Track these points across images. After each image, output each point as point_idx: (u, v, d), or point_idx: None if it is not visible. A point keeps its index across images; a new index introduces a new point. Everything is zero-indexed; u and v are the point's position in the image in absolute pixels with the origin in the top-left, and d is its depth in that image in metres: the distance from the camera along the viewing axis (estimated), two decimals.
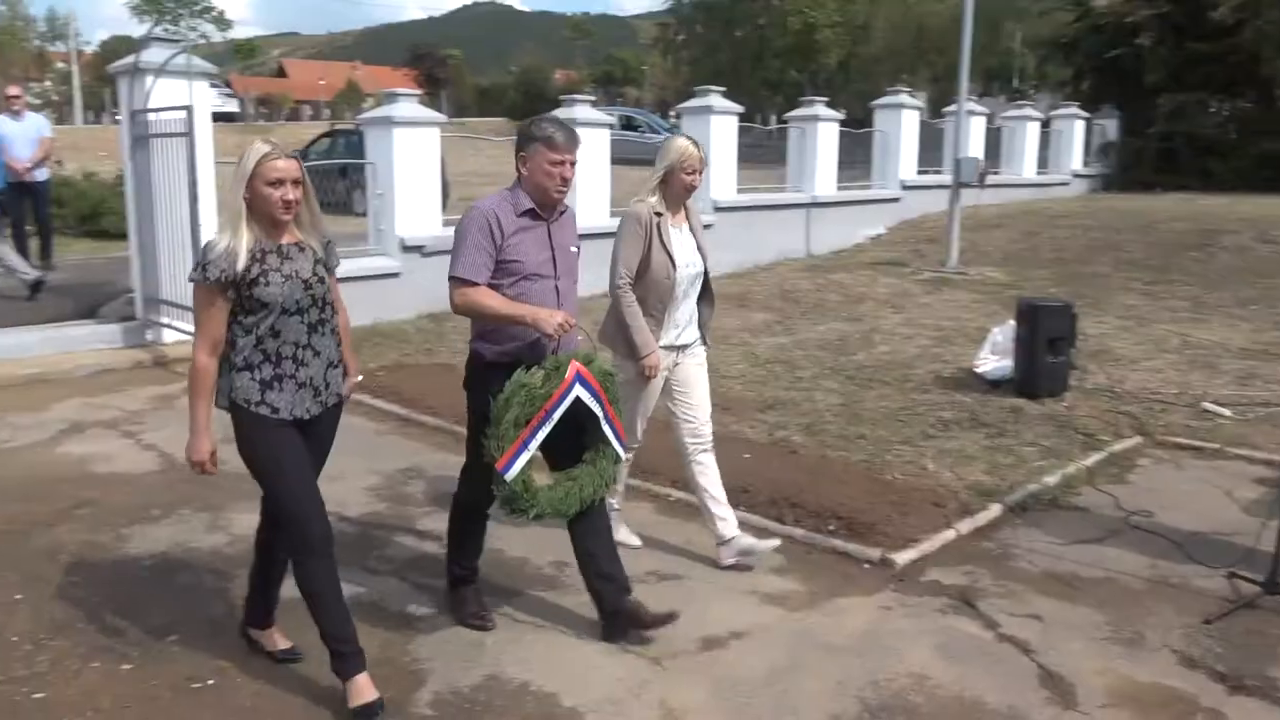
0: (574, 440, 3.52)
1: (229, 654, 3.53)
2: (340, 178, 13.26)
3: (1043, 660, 3.57)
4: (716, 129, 12.69)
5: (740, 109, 13.25)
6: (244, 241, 2.99)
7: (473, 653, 3.56)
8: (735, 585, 4.13)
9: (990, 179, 14.20)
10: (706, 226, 4.58)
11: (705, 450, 4.27)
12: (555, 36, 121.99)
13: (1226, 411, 6.58)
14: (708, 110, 12.72)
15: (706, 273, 4.23)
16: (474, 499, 3.70)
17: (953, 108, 14.85)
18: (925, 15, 37.65)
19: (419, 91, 10.75)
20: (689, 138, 4.16)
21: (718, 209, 12.36)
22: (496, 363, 3.47)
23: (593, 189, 10.95)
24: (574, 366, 3.37)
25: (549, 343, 3.38)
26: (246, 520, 4.70)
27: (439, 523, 4.76)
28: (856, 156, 16.22)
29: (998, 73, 47.18)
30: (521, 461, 3.29)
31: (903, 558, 4.36)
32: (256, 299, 3.01)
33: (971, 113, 16.46)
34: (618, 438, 3.57)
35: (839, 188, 14.99)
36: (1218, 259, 12.44)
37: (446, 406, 6.37)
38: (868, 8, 38.17)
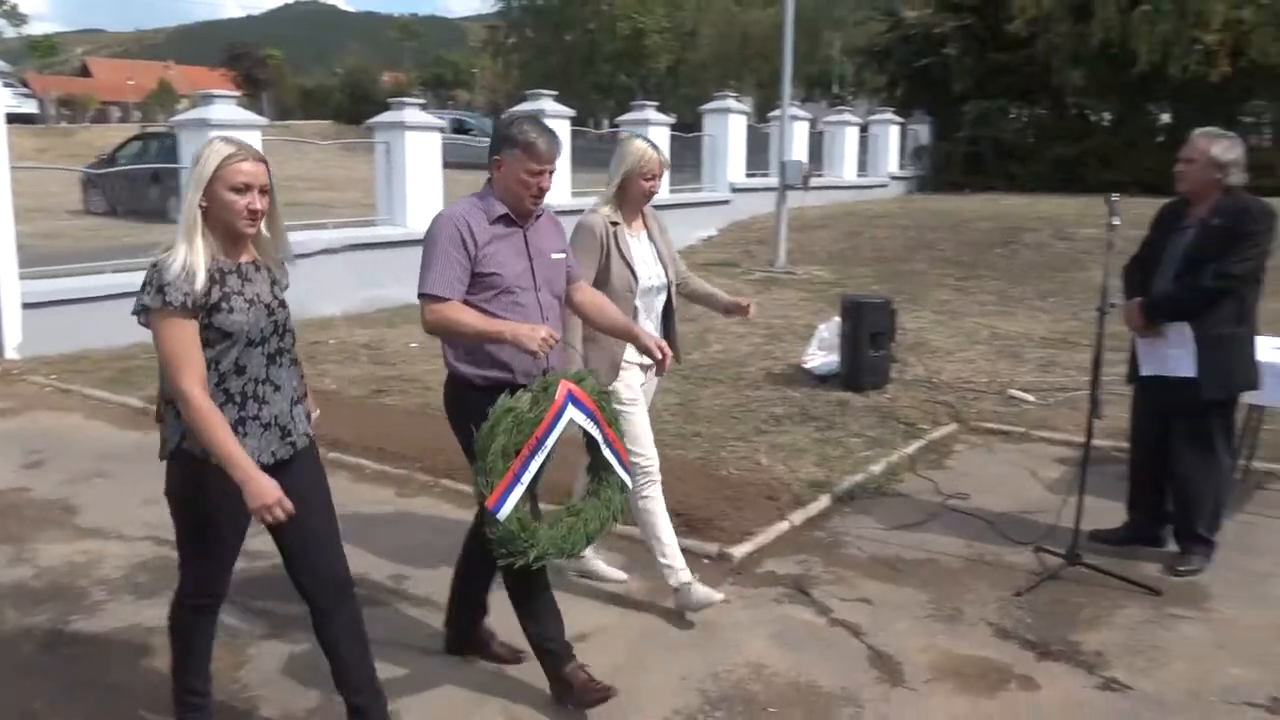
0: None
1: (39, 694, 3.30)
2: (153, 183, 12.57)
3: (872, 641, 3.74)
4: None
5: (572, 113, 13.32)
6: (201, 257, 2.56)
7: (307, 675, 3.44)
8: (576, 588, 4.15)
9: (814, 181, 14.77)
10: None
11: (654, 482, 3.92)
12: (381, 37, 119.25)
13: (1030, 397, 7.06)
14: (539, 114, 12.70)
15: (670, 285, 3.97)
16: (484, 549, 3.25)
17: (777, 113, 15.35)
18: (749, 23, 38.75)
19: (237, 93, 10.34)
20: (647, 140, 3.88)
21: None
22: (484, 387, 3.12)
23: (423, 194, 10.76)
24: (564, 386, 3.00)
25: (537, 362, 3.08)
26: (56, 552, 4.40)
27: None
28: (686, 160, 16.57)
29: (819, 79, 49.02)
30: (514, 497, 2.87)
31: (739, 551, 4.48)
32: (217, 329, 2.58)
33: (795, 118, 17.07)
34: (621, 464, 3.18)
35: (671, 190, 15.27)
36: (1021, 255, 13.33)
37: None
38: (695, 15, 39.00)
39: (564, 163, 12.94)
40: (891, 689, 3.42)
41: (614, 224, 3.79)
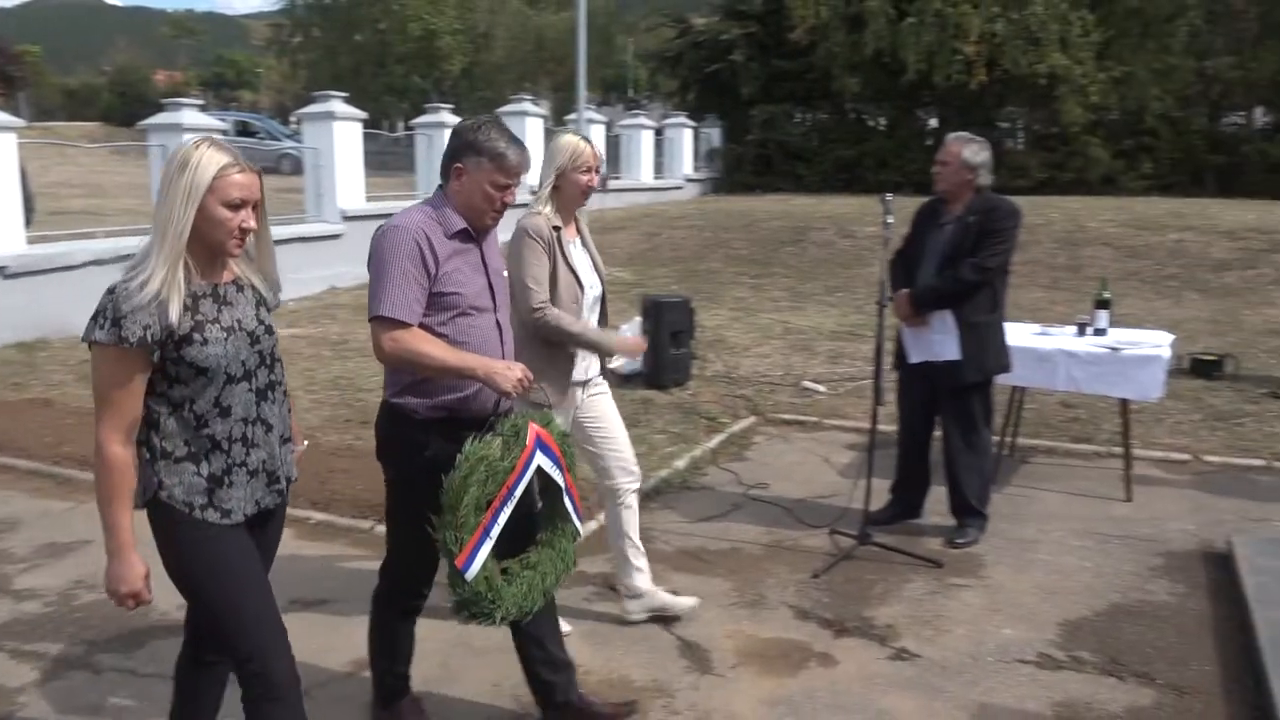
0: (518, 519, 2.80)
1: None
2: None
3: (680, 633, 3.83)
4: (340, 135, 12.30)
5: (364, 115, 12.95)
6: (181, 286, 2.21)
7: None
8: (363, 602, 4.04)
9: (612, 184, 14.97)
10: (334, 237, 4.35)
11: (636, 490, 3.87)
12: (153, 34, 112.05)
13: (822, 388, 7.42)
14: (329, 116, 12.30)
15: (605, 295, 3.76)
16: (406, 594, 3.09)
17: (574, 116, 15.45)
18: (543, 26, 38.88)
19: None
20: (578, 134, 3.65)
21: (346, 218, 11.99)
22: (430, 419, 2.82)
23: None
24: (533, 430, 2.74)
25: (495, 396, 2.83)
26: None
27: (43, 579, 4.25)
28: None
29: (614, 83, 49.84)
30: (483, 554, 2.62)
31: None
32: (190, 363, 2.24)
33: (591, 120, 17.23)
34: (576, 511, 2.97)
35: None
36: (809, 253, 13.98)
37: (44, 447, 5.68)
38: (488, 17, 38.74)
39: (356, 166, 12.57)
40: (701, 677, 3.51)
41: (556, 228, 3.50)
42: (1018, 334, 5.55)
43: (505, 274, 3.04)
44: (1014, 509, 5.08)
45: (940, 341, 4.58)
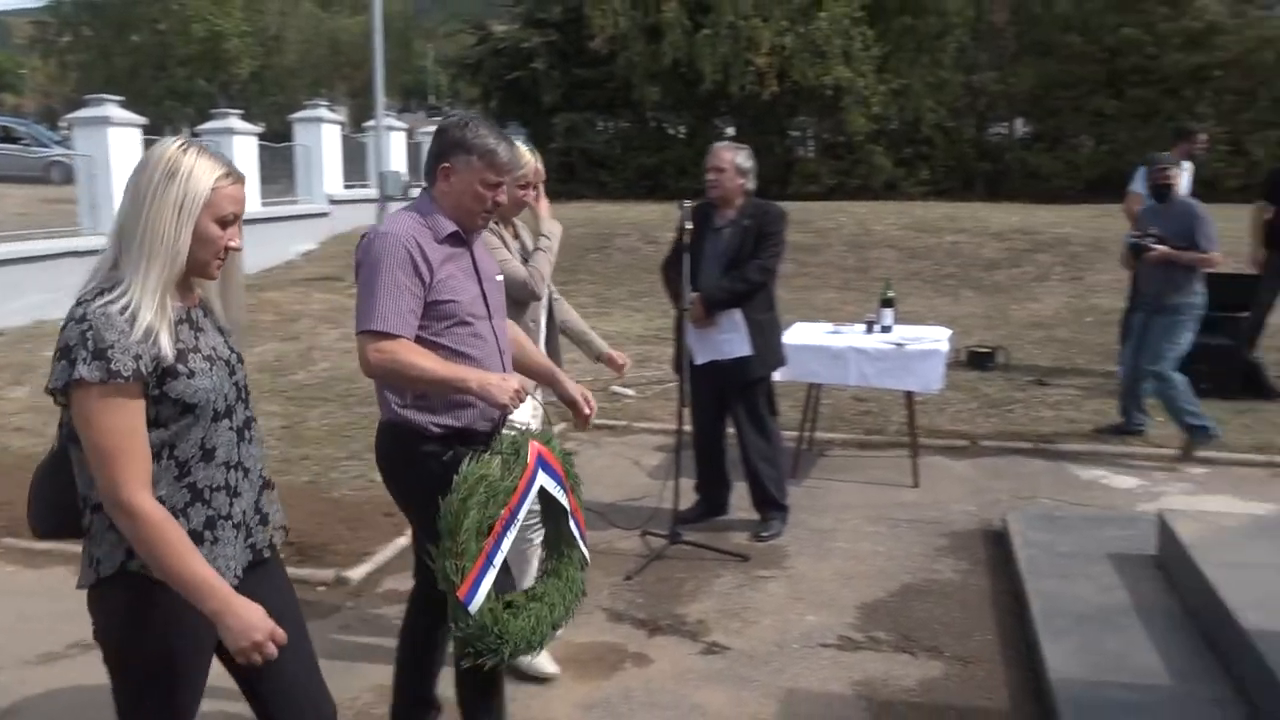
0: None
1: None
2: None
3: None
4: (116, 142, 11.54)
5: (144, 120, 12.21)
6: (169, 311, 1.92)
7: None
8: None
9: (415, 192, 14.68)
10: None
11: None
12: None
13: (630, 392, 7.54)
14: (105, 121, 11.53)
15: (552, 302, 3.69)
16: (436, 623, 2.87)
17: (372, 122, 15.08)
18: (337, 30, 37.73)
19: None
20: (525, 144, 3.51)
21: None
22: (440, 436, 2.67)
23: None
24: (534, 448, 2.55)
25: (497, 413, 2.69)
26: None
27: None
28: (278, 171, 15.79)
29: (415, 89, 48.88)
30: (487, 584, 2.40)
31: (357, 573, 4.37)
32: (176, 400, 1.93)
33: (391, 127, 16.87)
34: (581, 535, 2.78)
35: (263, 203, 14.48)
36: (614, 259, 14.18)
37: None
38: (279, 19, 37.22)
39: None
40: (518, 686, 3.50)
41: (500, 237, 3.42)
42: (812, 333, 5.83)
43: (500, 278, 2.91)
44: (813, 500, 5.32)
45: (729, 340, 4.75)
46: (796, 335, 5.78)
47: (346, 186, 16.76)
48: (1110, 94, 24.16)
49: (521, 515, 2.50)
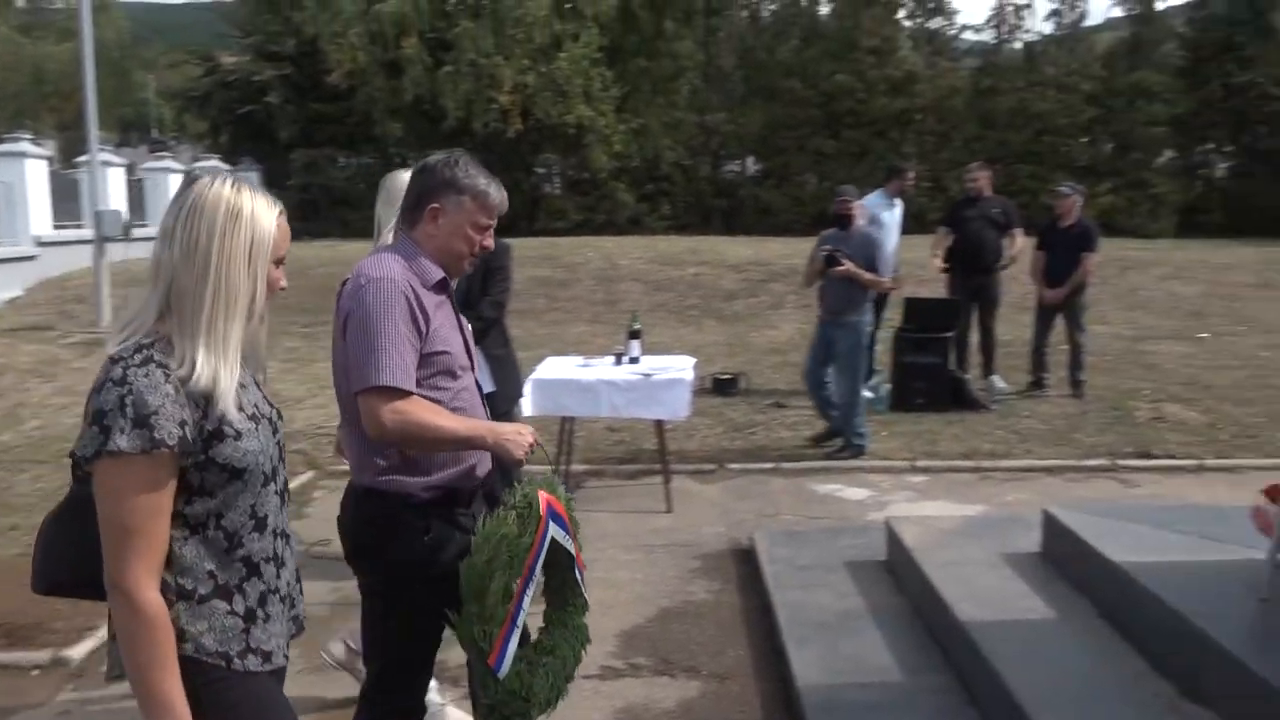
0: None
1: None
2: None
3: None
4: None
5: None
6: (236, 369, 1.74)
7: None
8: None
9: (137, 232, 13.69)
10: None
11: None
12: None
13: None
14: None
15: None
16: (411, 709, 2.59)
17: (85, 157, 13.94)
18: (42, 58, 34.61)
19: None
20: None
21: None
22: (427, 501, 2.42)
23: None
24: (544, 499, 2.41)
25: (489, 467, 2.53)
26: None
27: None
28: None
29: (135, 122, 45.58)
30: (513, 647, 2.30)
31: (79, 651, 3.98)
32: (223, 465, 1.73)
33: (108, 163, 15.68)
34: (582, 580, 2.65)
35: None
36: None
37: None
38: None
39: None
40: None
41: None
42: (563, 367, 5.91)
43: (470, 327, 2.74)
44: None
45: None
46: (548, 370, 5.84)
47: (57, 227, 15.36)
48: (829, 135, 26.18)
49: (538, 571, 2.41)
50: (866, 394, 8.40)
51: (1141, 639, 3.26)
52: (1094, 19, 29.30)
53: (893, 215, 8.46)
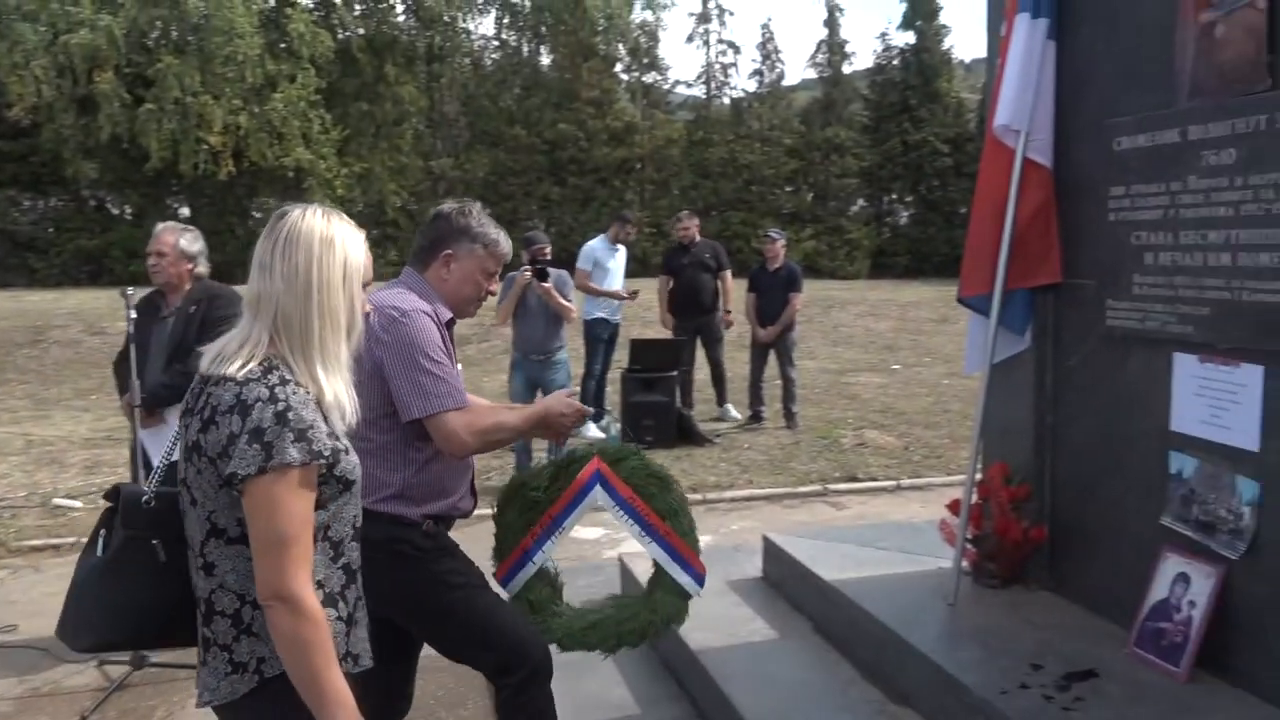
0: None
1: None
2: None
3: None
4: None
5: None
6: (348, 380, 1.87)
7: None
8: None
9: None
10: None
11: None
12: None
13: (78, 503, 6.67)
14: None
15: None
16: (544, 664, 2.70)
17: None
18: None
19: None
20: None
21: None
22: (427, 529, 2.61)
23: None
24: (594, 464, 2.71)
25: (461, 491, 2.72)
26: None
27: None
28: None
29: None
30: (523, 576, 2.77)
31: None
32: (340, 477, 1.86)
33: None
34: (684, 564, 2.73)
35: None
36: (51, 354, 12.52)
37: None
38: None
39: None
40: None
41: None
42: None
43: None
44: None
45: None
46: None
47: None
48: (554, 182, 26.75)
49: (568, 523, 2.75)
50: (597, 433, 8.62)
51: (852, 650, 3.52)
52: (791, 79, 31.86)
53: (615, 260, 8.76)
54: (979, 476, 3.63)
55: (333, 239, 1.88)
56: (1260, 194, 2.61)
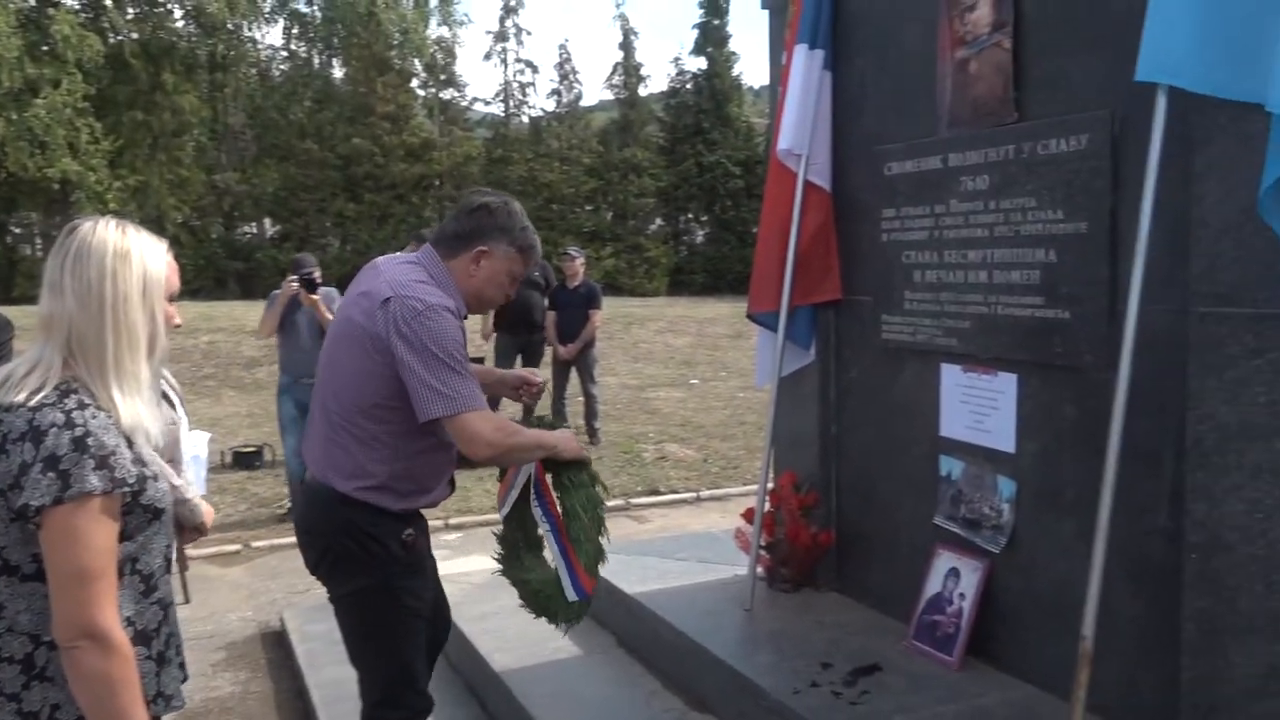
0: None
1: None
2: None
3: None
4: None
5: None
6: (150, 403, 1.77)
7: None
8: None
9: None
10: None
11: None
12: None
13: None
14: None
15: None
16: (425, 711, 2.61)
17: None
18: None
19: None
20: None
21: None
22: (399, 513, 2.49)
23: None
24: (536, 468, 2.70)
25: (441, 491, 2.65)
26: None
27: None
28: None
29: None
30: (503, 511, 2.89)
31: None
32: (148, 506, 1.75)
33: None
34: (573, 578, 2.58)
35: None
36: None
37: None
38: None
39: None
40: None
41: None
42: None
43: None
44: None
45: None
46: None
47: None
48: (349, 198, 25.98)
49: (511, 497, 2.78)
50: None
51: (654, 661, 3.59)
52: (589, 99, 32.23)
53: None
54: (771, 485, 3.78)
55: (128, 251, 1.76)
56: (1010, 216, 2.86)
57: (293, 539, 2.79)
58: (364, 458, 2.45)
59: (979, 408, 3.02)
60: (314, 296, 6.31)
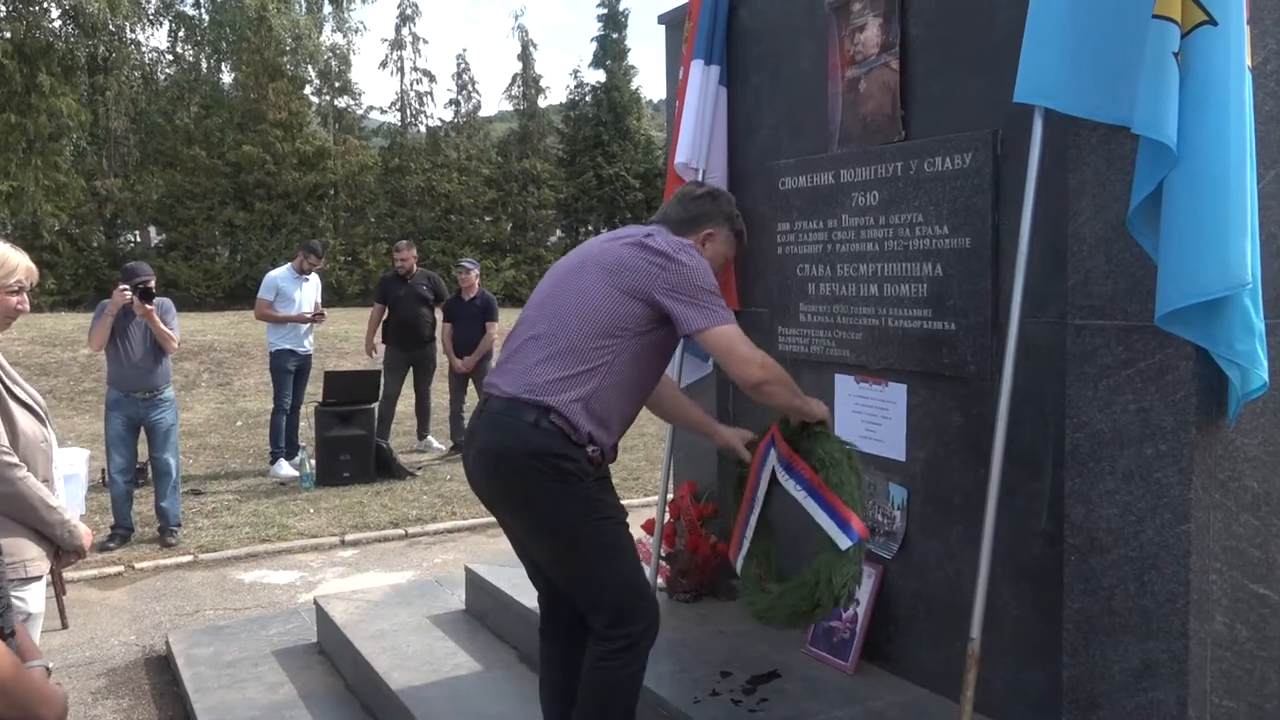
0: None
1: None
2: None
3: None
4: None
5: None
6: None
7: None
8: None
9: None
10: None
11: None
12: None
13: None
14: None
15: None
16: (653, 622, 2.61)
17: None
18: None
19: None
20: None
21: None
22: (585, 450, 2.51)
23: None
24: (771, 431, 2.78)
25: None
26: None
27: None
28: None
29: None
30: (743, 550, 2.84)
31: None
32: None
33: None
34: (837, 519, 2.52)
35: None
36: None
37: None
38: None
39: None
40: None
41: None
42: None
43: None
44: None
45: None
46: None
47: None
48: (239, 206, 25.24)
49: (760, 497, 2.81)
50: (291, 471, 8.19)
51: None
52: (488, 110, 32.11)
53: (302, 290, 8.39)
54: (671, 496, 3.80)
55: None
56: (898, 231, 2.95)
57: (177, 559, 2.69)
58: (582, 373, 2.51)
59: (871, 417, 3.10)
60: (148, 306, 6.05)
